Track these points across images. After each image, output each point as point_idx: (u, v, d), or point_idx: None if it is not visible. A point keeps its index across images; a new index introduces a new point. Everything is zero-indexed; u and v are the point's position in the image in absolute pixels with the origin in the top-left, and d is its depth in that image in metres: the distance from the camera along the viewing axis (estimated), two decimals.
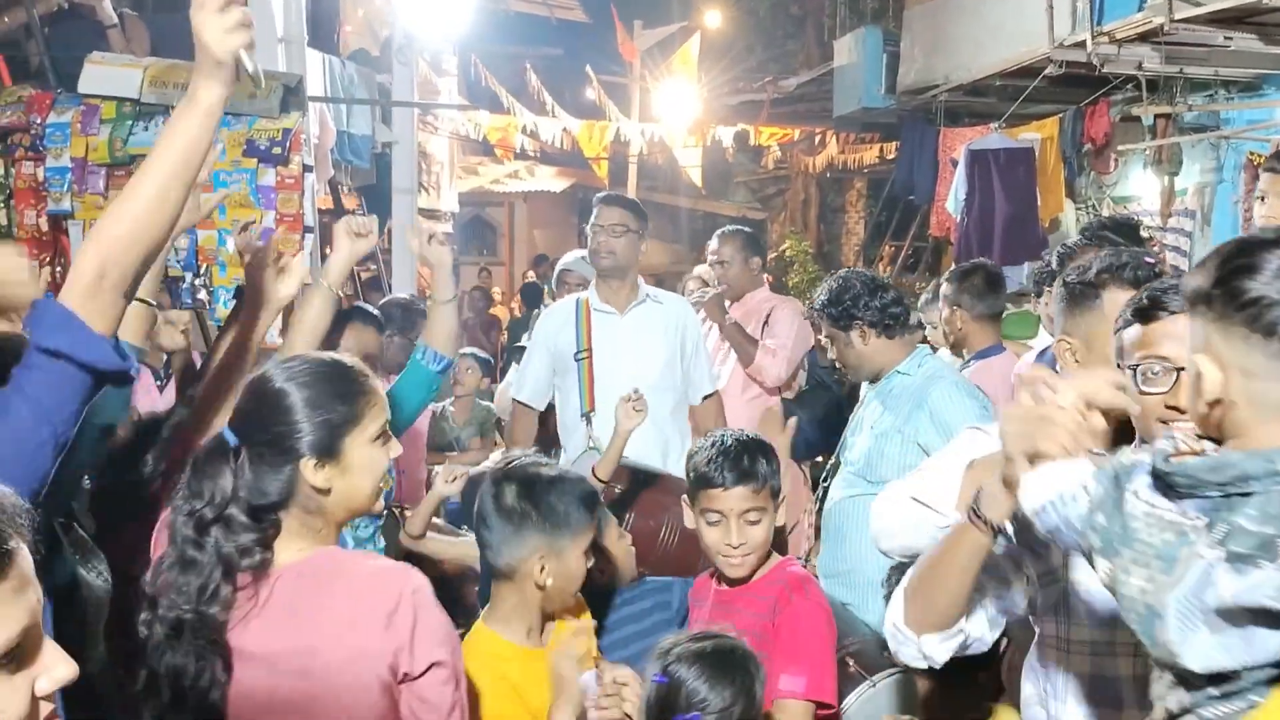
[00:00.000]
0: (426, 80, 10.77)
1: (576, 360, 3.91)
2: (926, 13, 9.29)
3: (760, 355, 4.62)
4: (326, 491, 1.81)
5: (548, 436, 4.07)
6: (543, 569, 2.16)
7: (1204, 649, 1.14)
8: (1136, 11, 6.47)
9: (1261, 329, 1.18)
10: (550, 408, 4.08)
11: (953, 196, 8.44)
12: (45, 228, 5.24)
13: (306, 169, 5.23)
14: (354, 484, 1.83)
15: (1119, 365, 1.73)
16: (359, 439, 1.83)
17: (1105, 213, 8.37)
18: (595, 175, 15.29)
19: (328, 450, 1.80)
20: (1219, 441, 1.28)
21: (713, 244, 4.96)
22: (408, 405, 2.88)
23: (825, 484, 3.67)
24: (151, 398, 3.75)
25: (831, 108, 11.05)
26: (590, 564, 2.28)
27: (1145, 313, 1.69)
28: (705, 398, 4.09)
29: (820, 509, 3.65)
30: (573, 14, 14.84)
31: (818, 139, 14.23)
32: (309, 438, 1.80)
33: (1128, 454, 1.35)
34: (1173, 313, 1.63)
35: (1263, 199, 3.43)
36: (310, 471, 1.79)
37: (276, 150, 5.13)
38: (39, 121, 5.16)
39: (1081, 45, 6.82)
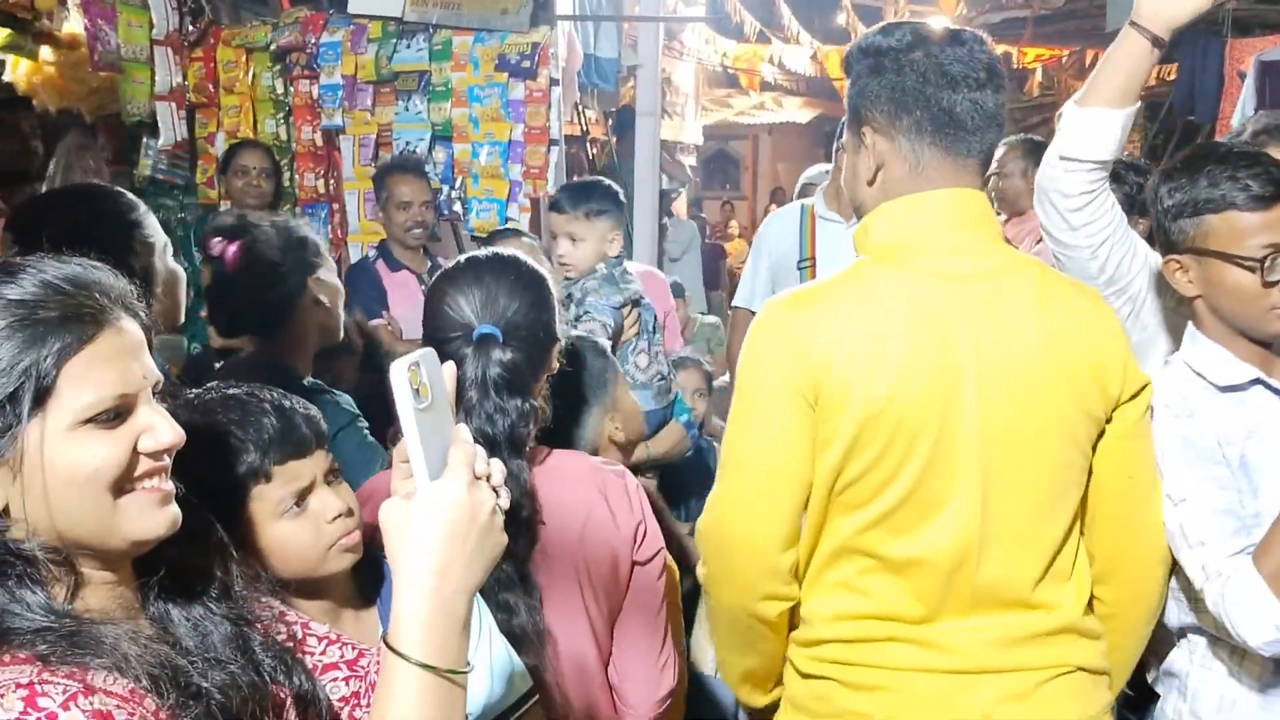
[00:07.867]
0: (674, 10, 10.75)
1: (799, 269, 3.69)
2: None
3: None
4: None
5: None
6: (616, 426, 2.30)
7: None
8: None
9: None
10: None
11: (1239, 112, 7.64)
12: (320, 142, 5.58)
13: (553, 82, 5.33)
14: None
15: (1229, 254, 1.86)
16: None
17: None
18: (842, 105, 14.87)
19: None
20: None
21: (998, 152, 4.61)
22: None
23: None
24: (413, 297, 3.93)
25: (1104, 24, 10.24)
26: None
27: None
28: None
29: None
30: None
31: (1089, 60, 13.26)
32: None
33: None
34: None
35: None
36: None
37: (526, 64, 5.25)
38: (314, 41, 5.47)
39: None
